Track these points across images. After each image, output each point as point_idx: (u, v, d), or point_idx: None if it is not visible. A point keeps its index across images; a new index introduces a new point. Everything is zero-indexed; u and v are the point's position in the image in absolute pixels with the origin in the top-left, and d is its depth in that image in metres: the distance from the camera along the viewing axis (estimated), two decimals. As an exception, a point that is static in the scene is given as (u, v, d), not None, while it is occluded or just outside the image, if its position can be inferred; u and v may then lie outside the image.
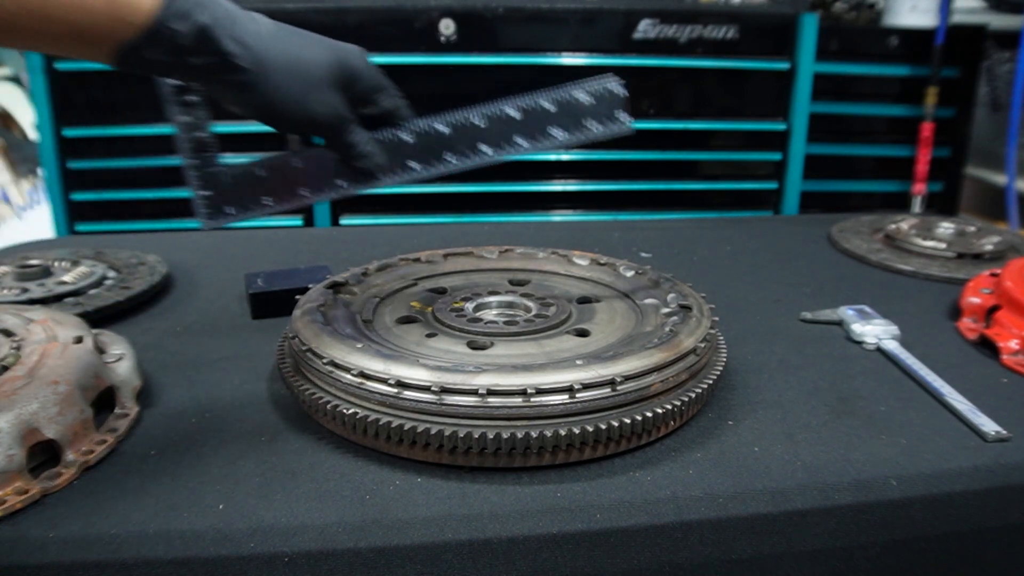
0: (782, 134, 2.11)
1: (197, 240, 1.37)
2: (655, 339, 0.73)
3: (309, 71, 0.65)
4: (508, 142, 0.76)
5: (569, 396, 0.64)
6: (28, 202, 3.06)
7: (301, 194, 0.74)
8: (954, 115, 2.21)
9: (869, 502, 0.64)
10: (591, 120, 0.77)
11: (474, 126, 0.76)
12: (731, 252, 1.31)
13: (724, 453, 0.69)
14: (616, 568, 0.60)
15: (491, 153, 0.77)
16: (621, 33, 1.98)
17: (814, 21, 2.01)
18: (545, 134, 0.77)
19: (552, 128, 0.77)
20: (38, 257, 1.11)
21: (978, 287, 1.00)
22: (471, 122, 0.76)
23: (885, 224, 1.37)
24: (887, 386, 0.82)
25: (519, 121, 0.76)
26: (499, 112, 0.76)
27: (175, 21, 0.58)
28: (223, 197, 0.73)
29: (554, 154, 2.03)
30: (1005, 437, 0.71)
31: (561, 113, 0.77)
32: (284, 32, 0.65)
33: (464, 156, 0.76)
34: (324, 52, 0.66)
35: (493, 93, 0.78)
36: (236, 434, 0.71)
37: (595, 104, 0.77)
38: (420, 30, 1.91)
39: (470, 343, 0.77)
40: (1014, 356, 0.87)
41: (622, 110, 0.77)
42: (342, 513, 0.60)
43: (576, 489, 0.63)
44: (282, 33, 0.65)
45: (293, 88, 0.64)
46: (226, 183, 0.73)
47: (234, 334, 0.95)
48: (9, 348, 0.72)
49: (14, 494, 0.59)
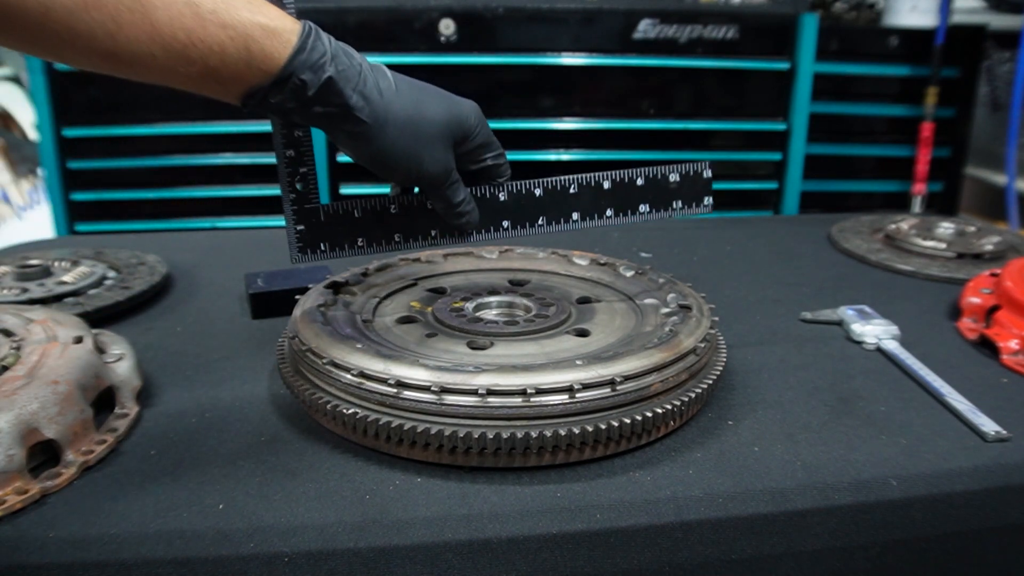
0: (782, 134, 2.11)
1: (197, 240, 1.37)
2: (655, 339, 0.73)
3: (426, 129, 0.66)
4: (599, 212, 0.79)
5: (569, 396, 0.64)
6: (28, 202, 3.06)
7: (395, 240, 0.76)
8: (954, 115, 2.21)
9: (869, 502, 0.64)
10: (678, 200, 0.80)
11: (567, 192, 0.78)
12: (731, 252, 1.31)
13: (724, 453, 0.69)
14: (616, 568, 0.60)
15: (581, 222, 0.79)
16: (621, 33, 1.98)
17: (814, 21, 2.01)
18: (633, 208, 0.79)
19: (640, 203, 0.79)
20: (38, 257, 1.11)
21: (978, 287, 1.00)
22: (565, 188, 0.78)
23: (885, 224, 1.37)
24: (887, 386, 0.82)
25: (609, 192, 0.79)
26: (592, 181, 0.78)
27: (304, 72, 0.60)
28: (317, 234, 0.74)
29: (554, 154, 2.03)
30: (1005, 437, 0.71)
31: (649, 189, 0.79)
32: (408, 88, 0.66)
33: (555, 221, 0.78)
34: (443, 110, 0.68)
35: (493, 93, 0.79)
36: (236, 434, 0.71)
37: (683, 185, 0.79)
38: (420, 30, 1.91)
39: (470, 343, 0.77)
40: (1014, 356, 0.87)
41: (708, 194, 0.80)
42: (342, 513, 0.60)
43: (576, 489, 0.63)
44: (406, 88, 0.66)
45: (408, 144, 0.66)
46: (321, 220, 0.73)
47: (234, 334, 0.95)
48: (9, 348, 0.72)
49: (14, 494, 0.59)
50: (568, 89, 2.02)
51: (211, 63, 0.57)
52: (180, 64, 0.56)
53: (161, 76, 0.57)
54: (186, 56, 0.56)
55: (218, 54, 0.57)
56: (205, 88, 0.59)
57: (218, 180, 1.99)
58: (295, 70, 0.60)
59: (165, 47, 0.55)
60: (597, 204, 0.78)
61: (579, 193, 0.78)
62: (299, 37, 0.60)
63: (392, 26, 1.91)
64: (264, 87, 0.60)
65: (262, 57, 0.58)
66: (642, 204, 0.79)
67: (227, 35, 0.57)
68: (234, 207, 2.00)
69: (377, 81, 0.64)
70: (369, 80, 0.63)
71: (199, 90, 0.60)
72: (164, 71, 0.57)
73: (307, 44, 0.60)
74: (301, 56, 0.59)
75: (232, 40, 0.57)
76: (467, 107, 0.70)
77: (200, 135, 1.95)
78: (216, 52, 0.57)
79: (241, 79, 0.59)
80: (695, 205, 0.80)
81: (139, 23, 0.54)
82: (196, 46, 0.56)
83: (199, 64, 0.57)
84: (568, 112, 2.03)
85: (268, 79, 0.59)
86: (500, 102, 2.01)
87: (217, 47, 0.56)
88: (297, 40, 0.59)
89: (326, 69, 0.61)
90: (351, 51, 0.64)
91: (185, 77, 0.58)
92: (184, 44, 0.55)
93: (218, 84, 0.59)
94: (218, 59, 0.57)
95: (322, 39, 0.61)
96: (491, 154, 0.74)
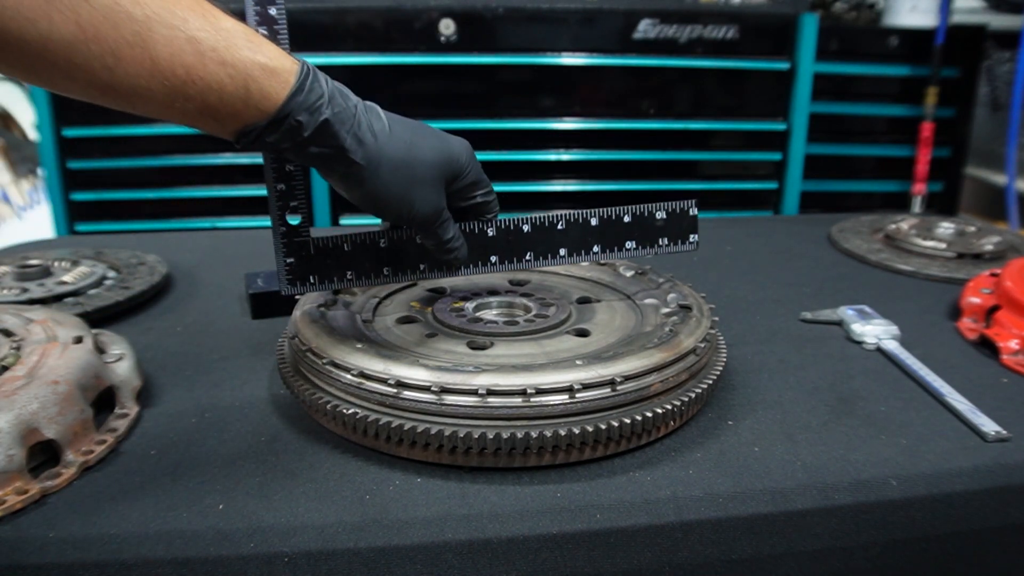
0: (782, 134, 2.11)
1: (197, 240, 1.37)
2: (655, 339, 0.73)
3: (419, 170, 0.67)
4: (586, 248, 0.79)
5: (569, 396, 0.64)
6: (28, 202, 3.06)
7: (383, 273, 0.76)
8: (954, 115, 2.21)
9: (869, 502, 0.64)
10: (664, 238, 0.80)
11: (555, 228, 0.78)
12: (731, 252, 1.31)
13: (724, 453, 0.69)
14: (616, 568, 0.60)
15: (568, 257, 0.80)
16: (621, 33, 1.98)
17: (814, 21, 2.01)
18: (620, 245, 0.80)
19: (627, 240, 0.80)
20: (38, 257, 1.11)
21: (978, 287, 1.00)
22: (553, 224, 0.78)
23: (885, 224, 1.37)
24: (887, 386, 0.82)
25: (596, 229, 0.79)
26: (580, 218, 0.78)
27: (301, 113, 0.60)
28: (306, 267, 0.74)
29: (554, 154, 2.03)
30: (1005, 437, 0.71)
31: (635, 226, 0.80)
32: (401, 129, 0.67)
33: (543, 257, 0.79)
34: (435, 151, 0.68)
35: (493, 93, 0.79)
36: (236, 434, 0.71)
37: (668, 223, 0.80)
38: (420, 30, 1.91)
39: (470, 343, 0.77)
40: (1014, 356, 0.87)
41: (693, 232, 0.81)
42: (342, 513, 0.60)
43: (576, 489, 0.63)
44: (399, 130, 0.66)
45: (400, 185, 0.66)
46: (311, 253, 0.74)
47: (234, 334, 0.95)
48: (9, 348, 0.72)
49: (14, 494, 0.59)
50: (568, 89, 2.02)
51: (209, 100, 0.57)
52: (178, 100, 0.56)
53: (158, 110, 0.58)
54: (184, 92, 0.56)
55: (216, 91, 0.57)
56: (201, 123, 0.60)
57: (218, 180, 1.98)
58: (292, 111, 0.60)
59: (164, 82, 0.55)
60: (584, 240, 0.79)
61: (567, 229, 0.79)
62: (297, 78, 0.60)
63: (392, 26, 1.91)
64: (260, 126, 0.60)
65: (260, 96, 0.58)
66: (628, 241, 0.80)
67: (226, 73, 0.57)
68: (234, 207, 1.99)
69: (371, 123, 0.64)
70: (363, 122, 0.64)
71: (194, 125, 0.60)
72: (161, 106, 0.57)
73: (305, 85, 0.60)
74: (298, 97, 0.60)
75: (231, 78, 0.57)
76: (458, 146, 0.71)
77: (200, 135, 1.94)
78: (215, 89, 0.57)
79: (238, 117, 0.59)
80: (680, 243, 0.81)
81: (139, 58, 0.54)
82: (195, 83, 0.56)
83: (197, 100, 0.57)
84: (568, 112, 2.03)
85: (265, 118, 0.59)
86: (500, 102, 2.01)
87: (216, 84, 0.56)
88: (295, 81, 0.60)
89: (322, 111, 0.61)
90: (347, 92, 0.64)
91: (182, 112, 0.58)
92: (183, 80, 0.55)
93: (214, 120, 0.59)
94: (216, 96, 0.57)
95: (319, 80, 0.62)
96: (481, 191, 0.75)
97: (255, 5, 0.67)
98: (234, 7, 0.60)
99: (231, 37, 0.57)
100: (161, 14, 0.54)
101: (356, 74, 1.91)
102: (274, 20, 0.67)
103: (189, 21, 0.55)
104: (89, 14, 0.51)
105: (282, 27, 0.68)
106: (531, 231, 0.78)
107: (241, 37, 0.57)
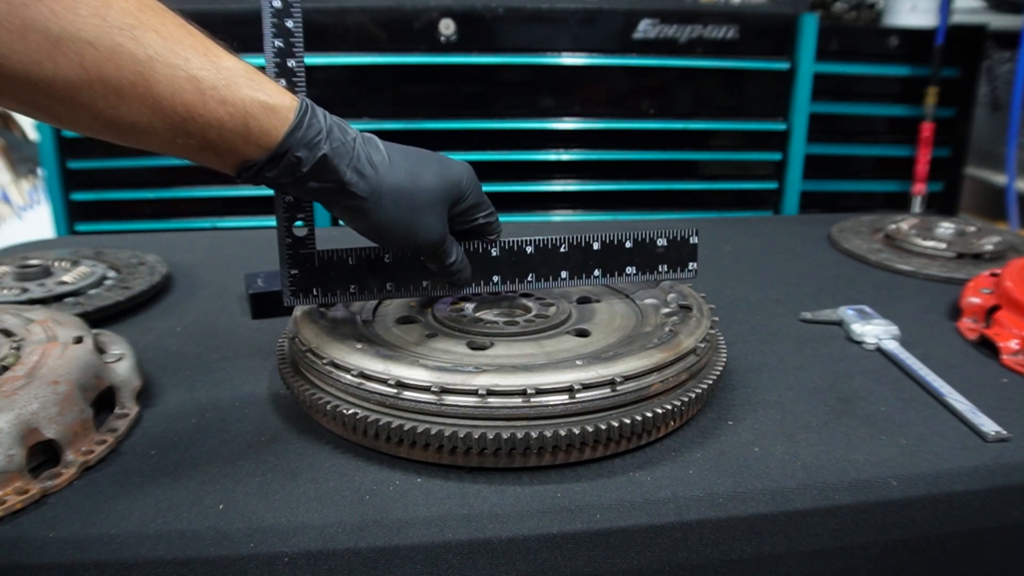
0: (782, 134, 2.11)
1: (197, 240, 1.37)
2: (655, 339, 0.73)
3: (420, 198, 0.67)
4: (587, 272, 0.81)
5: (569, 396, 0.64)
6: (28, 202, 3.06)
7: (386, 288, 0.77)
8: (954, 115, 2.21)
9: (869, 502, 0.64)
10: (664, 264, 0.82)
11: (557, 251, 0.80)
12: (731, 252, 1.31)
13: (724, 453, 0.69)
14: (616, 568, 0.60)
15: (569, 280, 0.81)
16: (621, 33, 1.98)
17: (814, 21, 2.01)
18: (620, 270, 0.81)
19: (627, 265, 0.81)
20: (38, 257, 1.11)
21: (978, 287, 1.00)
22: (555, 247, 0.80)
23: (885, 224, 1.37)
24: (887, 386, 0.82)
25: (598, 253, 0.80)
26: (582, 241, 0.80)
27: (300, 149, 0.61)
28: (310, 279, 0.75)
29: (554, 154, 2.03)
30: (1005, 437, 0.71)
31: (636, 252, 0.81)
32: (401, 158, 0.67)
33: (544, 279, 0.80)
34: (436, 177, 0.68)
35: (493, 93, 0.79)
36: (236, 434, 0.71)
37: (669, 250, 0.82)
38: (420, 30, 1.91)
39: (470, 343, 0.77)
40: (1014, 356, 0.87)
41: (693, 260, 0.82)
42: (342, 513, 0.60)
43: (576, 489, 0.63)
44: (399, 159, 0.67)
45: (403, 215, 0.66)
46: (316, 266, 0.75)
47: (234, 334, 0.95)
48: (9, 348, 0.72)
49: (14, 494, 0.59)
50: (568, 89, 2.02)
51: (209, 136, 0.58)
52: (179, 136, 0.58)
53: (160, 146, 0.59)
54: (185, 129, 0.57)
55: (216, 128, 0.58)
56: (202, 158, 0.61)
57: (218, 180, 1.98)
58: (291, 147, 0.61)
59: (165, 120, 0.56)
60: (585, 264, 0.80)
61: (569, 252, 0.80)
62: (296, 114, 0.61)
63: (392, 26, 1.91)
64: (260, 162, 0.61)
65: (259, 133, 0.60)
66: (629, 266, 0.81)
67: (226, 111, 0.58)
68: (234, 207, 1.99)
69: (370, 155, 0.65)
70: (362, 155, 0.64)
71: (196, 160, 0.61)
72: (164, 142, 0.58)
73: (303, 122, 0.61)
74: (297, 134, 0.61)
75: (231, 116, 0.58)
76: (459, 170, 0.71)
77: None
78: (214, 127, 0.58)
79: (237, 152, 0.60)
80: (680, 270, 0.83)
81: (141, 96, 0.55)
82: (195, 120, 0.57)
83: (197, 137, 0.58)
84: (568, 112, 2.03)
85: (264, 154, 0.61)
86: (500, 102, 2.01)
87: (215, 122, 0.58)
88: (294, 117, 0.61)
89: (321, 147, 0.62)
90: (345, 126, 0.65)
91: (183, 148, 0.59)
92: (184, 118, 0.57)
93: (215, 155, 0.60)
94: (216, 133, 0.58)
95: (318, 116, 0.63)
96: (482, 213, 0.75)
97: (272, 17, 0.68)
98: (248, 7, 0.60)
99: (232, 75, 0.58)
100: (163, 53, 0.55)
101: (356, 74, 1.91)
102: (290, 32, 0.69)
103: (191, 60, 0.56)
104: (93, 55, 0.52)
105: (298, 40, 0.69)
106: (534, 252, 0.79)
107: (242, 75, 0.58)
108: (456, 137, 1.98)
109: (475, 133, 1.99)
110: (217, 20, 1.81)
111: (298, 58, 0.69)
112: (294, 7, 0.68)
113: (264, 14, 0.68)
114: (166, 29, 0.56)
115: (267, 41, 0.68)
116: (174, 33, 0.56)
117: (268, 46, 0.68)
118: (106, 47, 0.53)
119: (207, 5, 1.80)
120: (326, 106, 0.64)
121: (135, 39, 0.54)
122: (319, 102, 0.64)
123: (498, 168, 2.01)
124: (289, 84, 0.69)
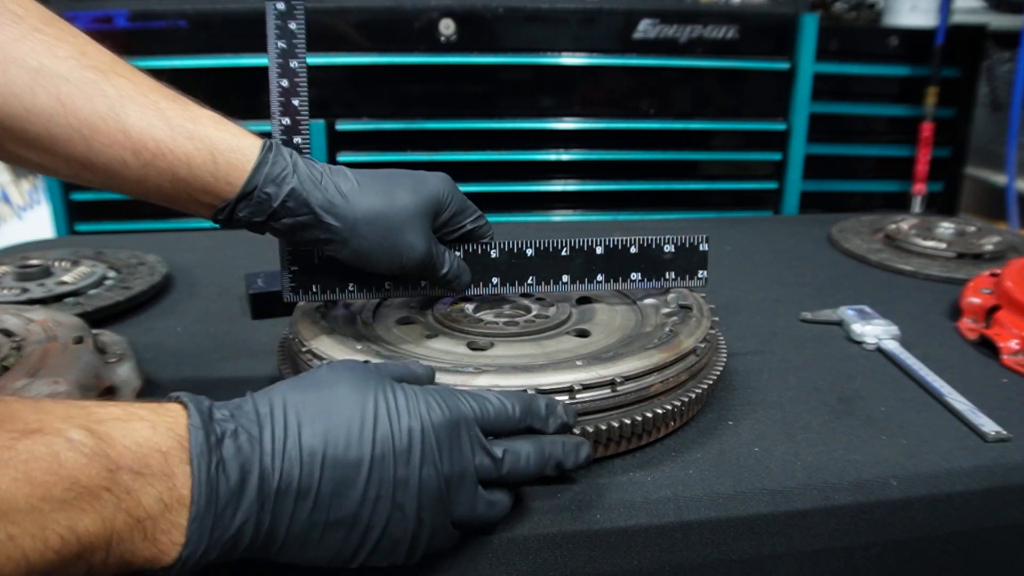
0: (782, 134, 2.11)
1: (197, 240, 1.37)
2: (655, 339, 0.73)
3: (396, 219, 0.67)
4: (590, 277, 0.79)
5: (569, 397, 0.64)
6: (28, 202, 3.06)
7: (385, 287, 0.77)
8: (954, 115, 2.21)
9: (869, 502, 0.64)
10: (671, 272, 0.79)
11: (558, 254, 0.78)
12: (731, 252, 1.31)
13: (724, 453, 0.69)
14: (616, 568, 0.60)
15: (571, 284, 0.79)
16: (621, 33, 1.98)
17: (814, 21, 2.01)
18: (625, 276, 0.79)
19: (632, 271, 0.79)
20: (38, 257, 1.11)
21: (978, 287, 1.00)
22: (557, 250, 0.78)
23: (885, 224, 1.37)
24: (887, 386, 0.82)
25: (601, 257, 0.78)
26: (585, 245, 0.78)
27: (268, 185, 0.63)
28: (310, 277, 0.75)
29: (554, 154, 2.03)
30: (1005, 437, 0.71)
31: (642, 258, 0.78)
32: (372, 182, 0.67)
33: (545, 282, 0.79)
34: (411, 193, 0.68)
35: (493, 93, 0.79)
36: (236, 434, 0.71)
37: (677, 257, 0.79)
38: (420, 30, 1.91)
39: (470, 344, 0.77)
40: (1014, 356, 0.87)
41: (703, 268, 0.79)
42: (342, 513, 0.60)
43: (576, 489, 0.63)
44: (369, 183, 0.67)
45: (382, 238, 0.67)
46: (315, 264, 0.75)
47: (234, 334, 0.95)
48: (9, 348, 0.72)
49: (14, 494, 0.59)
50: (568, 89, 2.02)
51: (180, 173, 0.61)
52: (151, 172, 0.61)
53: (134, 185, 0.62)
54: (156, 165, 0.60)
55: (185, 164, 0.61)
56: (178, 202, 0.64)
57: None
58: (258, 184, 0.63)
59: (136, 154, 0.60)
60: (588, 269, 0.79)
61: (571, 256, 0.78)
62: (261, 151, 0.63)
63: (392, 26, 1.91)
64: (231, 201, 0.63)
65: (227, 168, 0.62)
66: (634, 272, 0.79)
67: (194, 146, 0.61)
68: (234, 207, 1.99)
69: (338, 184, 0.65)
70: (331, 186, 0.65)
71: (171, 203, 0.64)
72: (136, 181, 0.61)
73: (268, 158, 0.63)
74: (263, 170, 0.63)
75: (198, 151, 0.61)
76: (435, 182, 0.71)
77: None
78: (183, 162, 0.61)
79: (208, 191, 0.63)
80: (688, 277, 0.79)
81: (112, 130, 0.59)
82: (165, 155, 0.60)
83: (168, 174, 0.61)
84: (568, 112, 2.03)
85: (234, 192, 0.63)
86: (500, 102, 2.01)
87: (184, 156, 0.61)
88: (259, 153, 0.63)
89: (288, 181, 0.63)
90: (312, 160, 0.66)
91: (156, 188, 0.62)
92: (154, 153, 0.60)
93: (188, 196, 0.63)
94: (186, 169, 0.61)
95: (283, 153, 0.64)
96: (469, 219, 0.75)
97: (276, 19, 0.69)
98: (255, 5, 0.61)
99: (197, 117, 0.62)
100: (133, 94, 0.60)
101: (356, 74, 1.91)
102: (293, 34, 0.69)
103: (160, 102, 0.61)
104: (68, 89, 0.57)
105: (300, 41, 0.70)
106: (535, 255, 0.78)
107: (207, 118, 0.63)
108: (456, 137, 1.98)
109: (475, 133, 1.99)
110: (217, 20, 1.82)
111: (300, 59, 0.70)
112: (297, 9, 0.69)
113: (268, 16, 0.69)
114: (136, 77, 0.61)
115: (271, 42, 0.69)
116: (144, 81, 0.62)
117: (271, 47, 0.69)
118: (79, 81, 0.58)
119: (207, 5, 1.80)
120: (326, 106, 0.65)
121: (107, 80, 0.59)
122: (319, 102, 0.64)
123: (498, 168, 2.01)
124: (291, 84, 0.70)
